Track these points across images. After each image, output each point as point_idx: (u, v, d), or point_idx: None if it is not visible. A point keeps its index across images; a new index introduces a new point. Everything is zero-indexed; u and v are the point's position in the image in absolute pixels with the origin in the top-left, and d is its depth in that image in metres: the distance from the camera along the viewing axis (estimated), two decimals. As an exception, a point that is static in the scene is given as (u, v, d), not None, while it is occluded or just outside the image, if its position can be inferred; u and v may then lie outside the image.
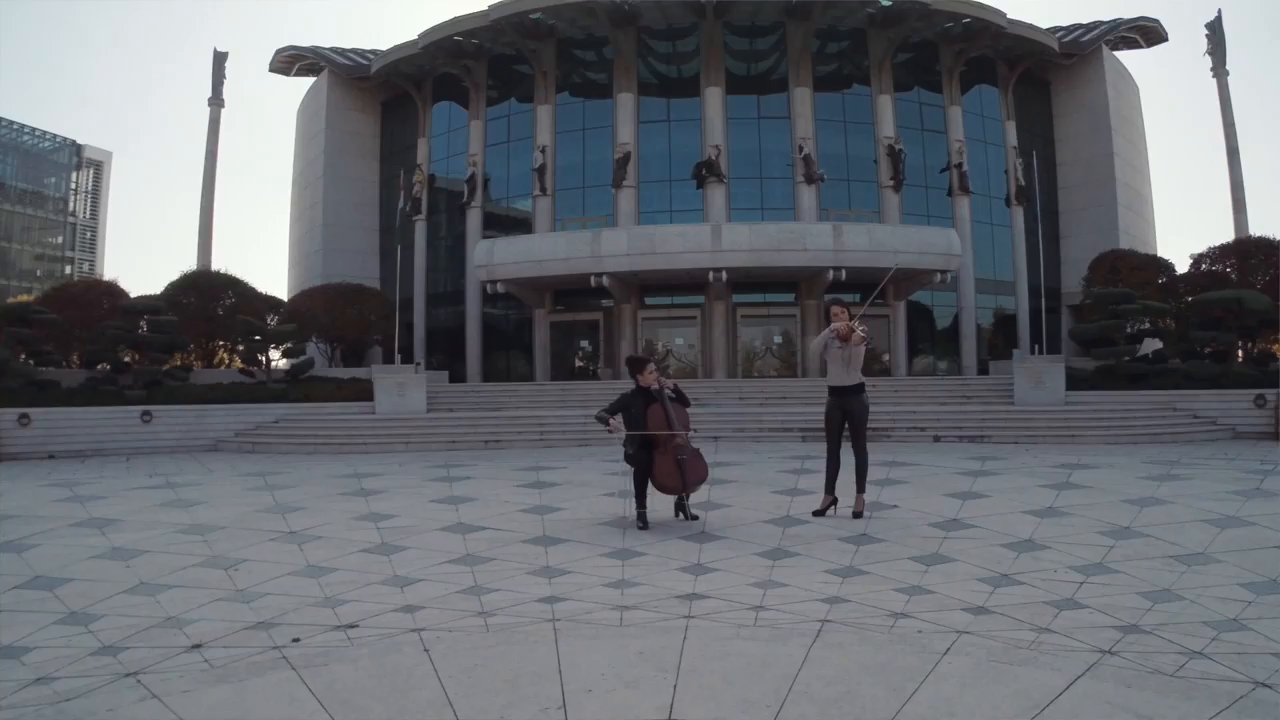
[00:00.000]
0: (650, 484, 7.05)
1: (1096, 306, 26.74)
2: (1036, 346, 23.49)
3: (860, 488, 7.18)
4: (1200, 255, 25.28)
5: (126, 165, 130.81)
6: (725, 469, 10.50)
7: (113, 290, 28.99)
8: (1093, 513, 6.81)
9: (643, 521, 7.00)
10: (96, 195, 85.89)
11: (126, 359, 21.37)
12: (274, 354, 31.96)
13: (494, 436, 15.47)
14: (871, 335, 6.78)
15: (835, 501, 7.28)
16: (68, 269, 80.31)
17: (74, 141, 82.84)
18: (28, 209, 78.24)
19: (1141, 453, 13.06)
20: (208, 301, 26.68)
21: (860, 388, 7.17)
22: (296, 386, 19.06)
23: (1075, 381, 17.55)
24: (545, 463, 12.57)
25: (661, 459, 6.96)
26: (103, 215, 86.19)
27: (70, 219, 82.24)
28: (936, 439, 14.72)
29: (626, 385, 7.55)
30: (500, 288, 27.02)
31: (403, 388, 17.68)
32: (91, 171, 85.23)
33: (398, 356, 27.88)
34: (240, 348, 23.29)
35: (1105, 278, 25.35)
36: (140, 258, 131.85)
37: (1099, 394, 17.13)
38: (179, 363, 23.13)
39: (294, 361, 20.52)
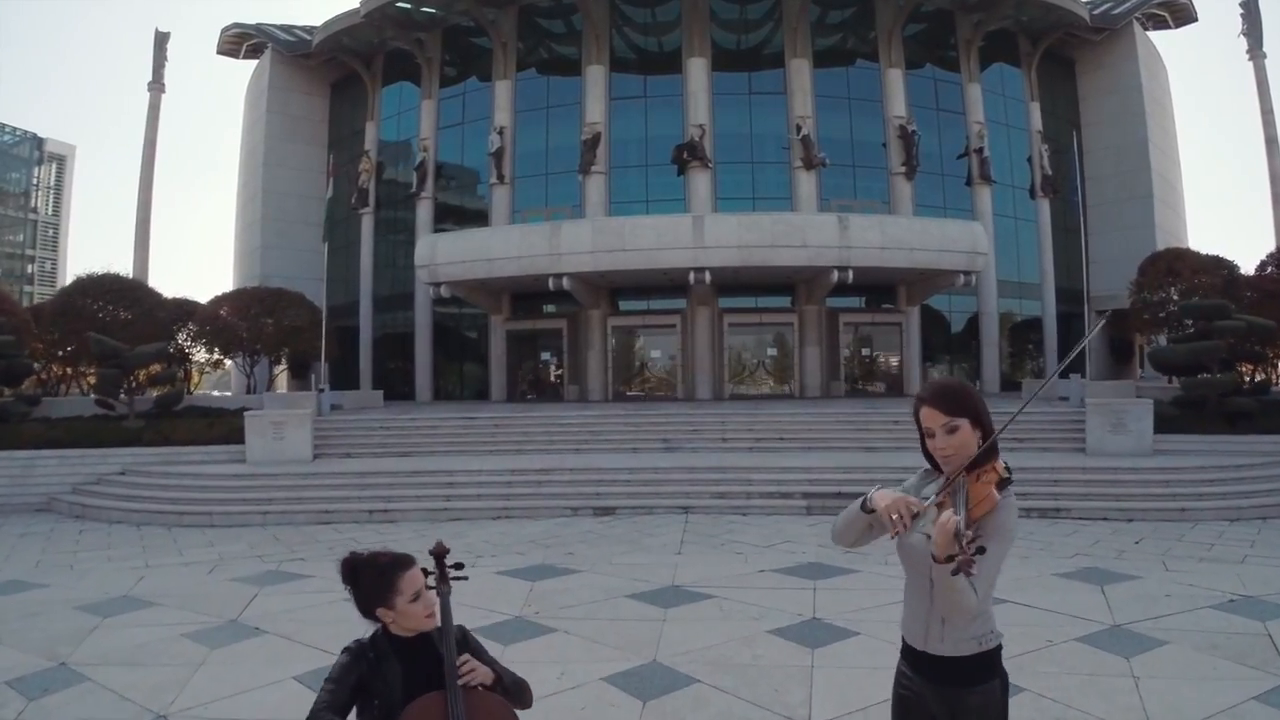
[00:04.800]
0: None
1: (1139, 316, 22.83)
2: (1085, 368, 19.51)
3: None
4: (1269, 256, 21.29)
5: (93, 160, 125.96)
6: (683, 614, 6.36)
7: (-3, 299, 24.74)
8: None
9: None
10: (59, 191, 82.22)
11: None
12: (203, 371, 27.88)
13: (384, 503, 11.34)
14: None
15: None
16: (29, 268, 76.59)
17: (35, 135, 79.25)
18: (-13, 206, 74.82)
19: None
20: (100, 311, 22.46)
21: (988, 664, 2.36)
22: (157, 424, 14.87)
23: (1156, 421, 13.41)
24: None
25: None
26: (65, 211, 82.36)
27: (32, 216, 78.56)
28: (994, 512, 10.63)
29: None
30: (445, 291, 22.89)
31: (280, 429, 13.51)
32: (54, 166, 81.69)
33: (324, 370, 23.83)
34: (95, 374, 19.04)
35: (1161, 281, 21.30)
36: (110, 256, 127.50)
37: (1191, 439, 13.03)
38: (40, 385, 18.91)
39: (160, 391, 16.25)
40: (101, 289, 22.90)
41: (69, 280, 31.55)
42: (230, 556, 9.24)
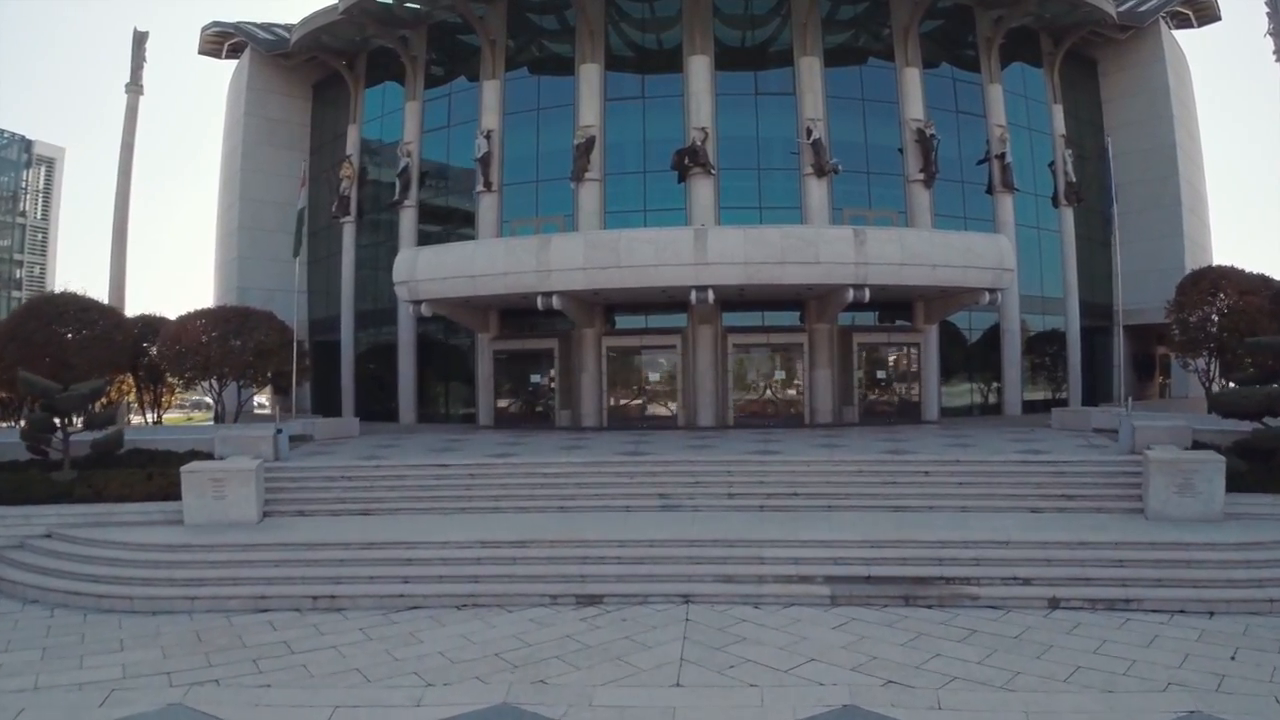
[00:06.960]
0: None
1: (1173, 335, 21.16)
2: (1122, 394, 17.73)
3: None
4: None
5: (86, 162, 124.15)
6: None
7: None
8: None
9: None
10: (48, 194, 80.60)
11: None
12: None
13: (331, 585, 9.50)
14: None
15: None
16: (18, 273, 75.09)
17: (24, 137, 77.69)
18: (-26, 210, 73.49)
19: None
20: (54, 334, 20.70)
21: None
22: (90, 476, 13.00)
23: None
24: (347, 696, 6.69)
25: None
26: (54, 216, 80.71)
27: (20, 220, 76.98)
28: (1054, 604, 8.80)
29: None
30: (425, 310, 21.13)
31: (221, 486, 11.71)
32: (43, 169, 80.00)
33: (294, 397, 22.15)
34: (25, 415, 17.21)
35: (1202, 300, 19.55)
36: (98, 262, 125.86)
37: (1264, 501, 11.05)
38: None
39: (97, 436, 14.33)
40: (55, 310, 21.15)
41: (56, 288, 29.92)
42: (135, 672, 7.48)
